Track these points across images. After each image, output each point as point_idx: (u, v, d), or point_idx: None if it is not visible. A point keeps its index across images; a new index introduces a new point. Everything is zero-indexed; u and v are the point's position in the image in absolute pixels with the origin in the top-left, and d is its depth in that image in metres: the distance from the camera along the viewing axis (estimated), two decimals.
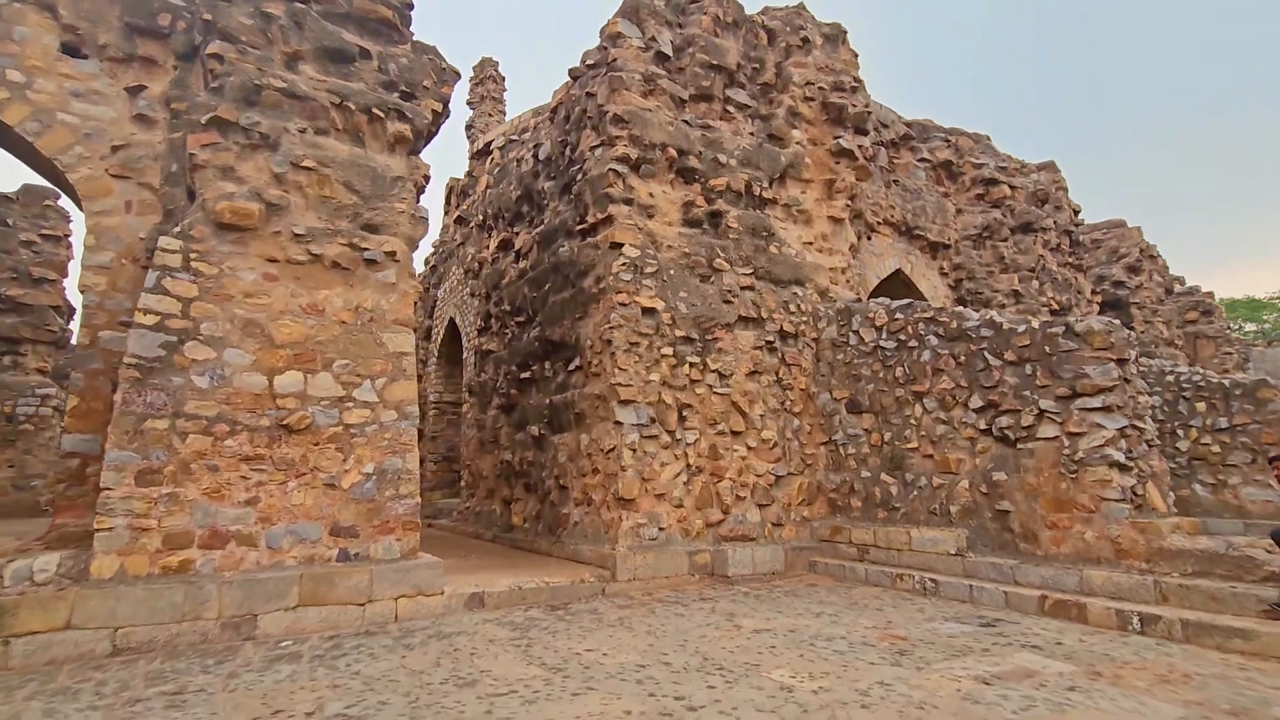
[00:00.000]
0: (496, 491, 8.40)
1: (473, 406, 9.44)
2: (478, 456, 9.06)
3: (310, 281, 4.85)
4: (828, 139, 7.82)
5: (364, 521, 4.68)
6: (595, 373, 6.42)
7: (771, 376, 6.87)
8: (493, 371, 8.81)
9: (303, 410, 4.62)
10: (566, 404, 6.77)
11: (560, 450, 6.87)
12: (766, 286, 7.03)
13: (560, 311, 7.12)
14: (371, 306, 5.03)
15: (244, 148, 4.73)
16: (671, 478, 6.16)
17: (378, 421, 4.88)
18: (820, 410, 7.04)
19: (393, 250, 5.15)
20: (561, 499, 6.84)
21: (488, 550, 7.29)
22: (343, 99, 5.08)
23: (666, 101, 6.95)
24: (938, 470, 5.90)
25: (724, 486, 6.37)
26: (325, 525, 4.56)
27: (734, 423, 6.55)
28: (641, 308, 6.30)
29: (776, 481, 6.70)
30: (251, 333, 4.56)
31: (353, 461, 4.73)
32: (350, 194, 5.07)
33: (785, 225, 7.47)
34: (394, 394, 4.98)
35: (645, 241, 6.54)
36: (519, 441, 7.82)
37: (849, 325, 6.91)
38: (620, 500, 5.91)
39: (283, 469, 4.49)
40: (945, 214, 10.25)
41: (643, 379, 6.18)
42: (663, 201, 6.83)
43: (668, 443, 6.19)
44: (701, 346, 6.55)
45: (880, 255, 9.29)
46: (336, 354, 4.83)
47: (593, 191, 6.70)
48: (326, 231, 4.92)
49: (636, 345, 6.21)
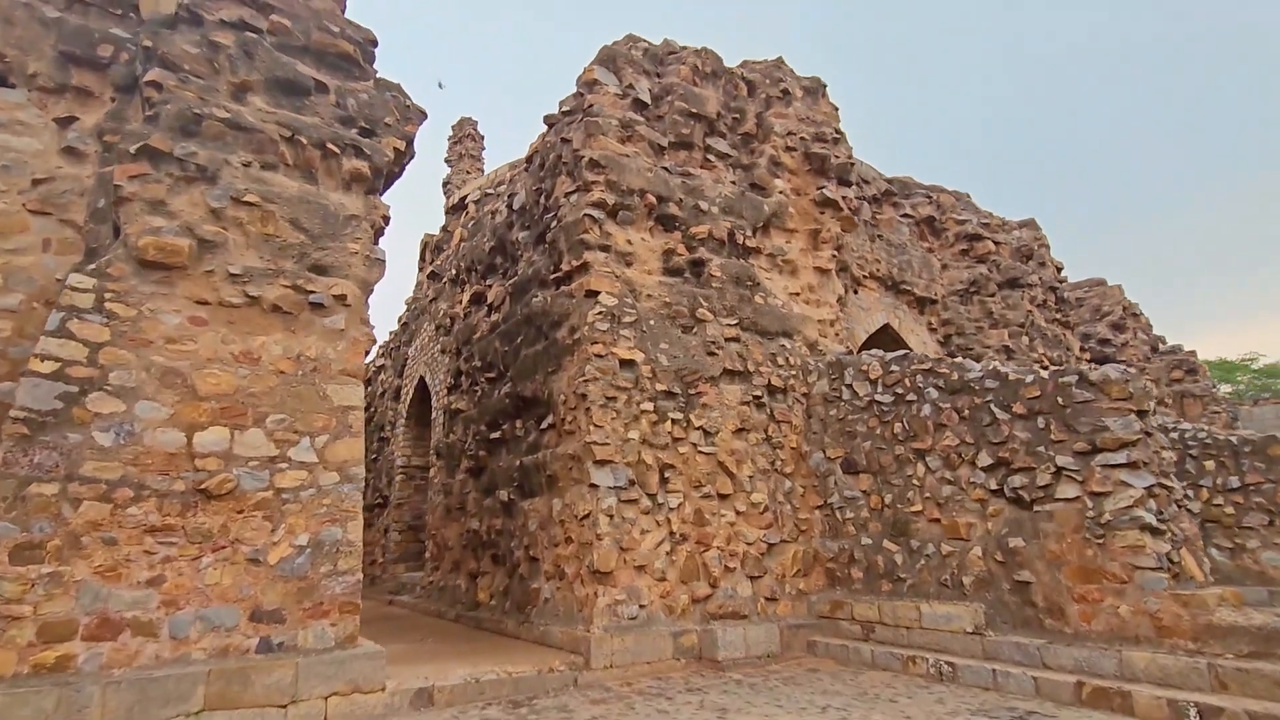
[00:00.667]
0: (462, 564, 7.65)
1: (440, 470, 8.77)
2: (443, 525, 8.33)
3: (245, 326, 4.33)
4: (811, 189, 7.61)
5: (292, 604, 4.00)
6: (569, 431, 5.87)
7: (760, 434, 6.36)
8: (461, 432, 8.21)
9: (226, 472, 4.00)
10: (538, 465, 6.18)
11: (530, 517, 6.23)
12: (752, 338, 6.61)
13: (532, 365, 6.62)
14: (316, 355, 4.50)
15: (178, 180, 4.29)
16: (653, 547, 5.53)
17: (316, 485, 4.26)
18: (813, 471, 6.51)
19: (342, 294, 4.67)
20: (531, 572, 6.15)
21: (448, 632, 6.51)
22: (294, 132, 4.70)
23: (645, 148, 6.71)
24: (946, 536, 5.34)
25: (711, 556, 5.74)
26: (245, 609, 3.87)
27: (721, 485, 5.98)
28: (619, 360, 5.83)
29: (769, 550, 6.09)
30: (171, 383, 3.99)
31: (283, 532, 4.09)
32: (297, 232, 4.63)
33: (770, 275, 7.13)
34: (337, 453, 4.39)
35: (623, 290, 6.14)
36: (487, 508, 7.16)
37: (841, 379, 6.48)
38: (595, 574, 5.25)
39: (197, 542, 3.84)
40: (931, 269, 10.06)
41: (620, 437, 5.64)
42: (641, 249, 6.48)
43: (648, 507, 5.59)
44: (684, 401, 6.06)
45: (868, 309, 8.99)
46: (271, 407, 4.26)
47: (567, 238, 6.34)
48: (267, 272, 4.44)
49: (614, 400, 5.70)
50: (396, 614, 8.20)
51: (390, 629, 6.67)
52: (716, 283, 6.57)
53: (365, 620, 7.72)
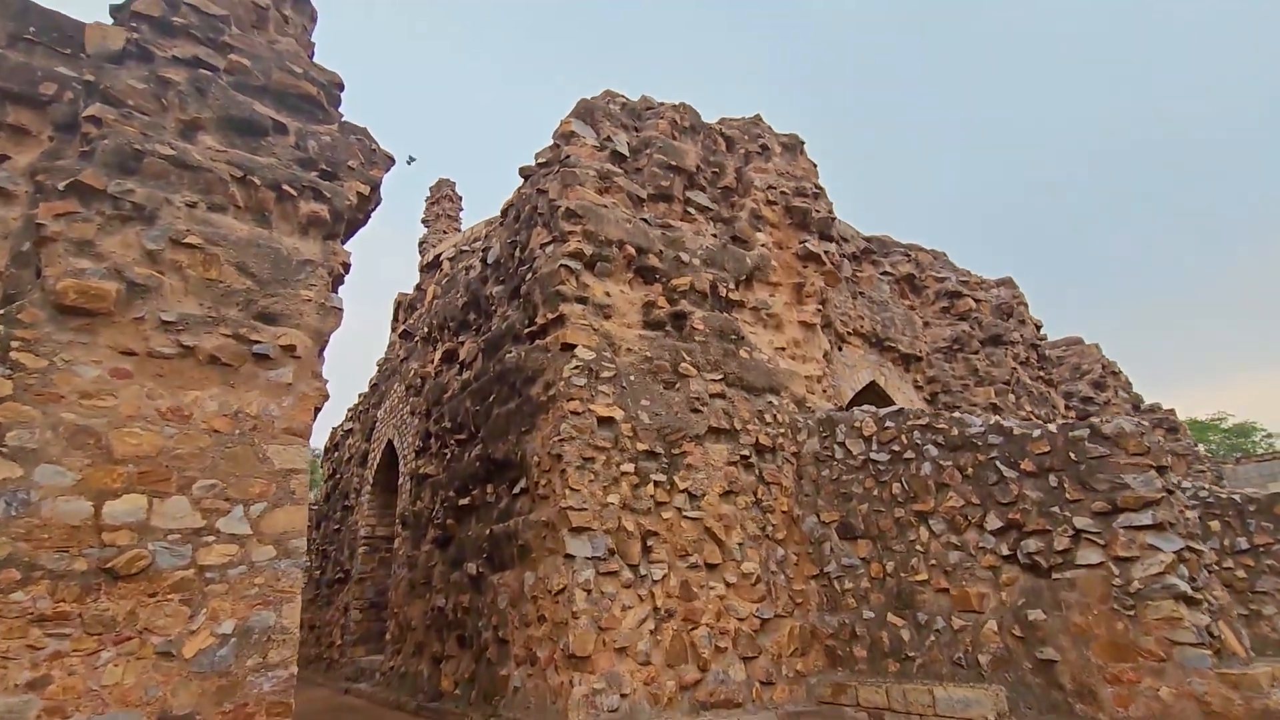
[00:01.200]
0: (425, 646, 6.92)
1: (405, 541, 8.10)
2: (406, 603, 7.61)
3: (177, 380, 3.86)
4: (793, 242, 7.46)
5: (210, 706, 3.37)
6: (543, 495, 5.37)
7: (749, 497, 5.91)
8: (429, 499, 7.62)
9: (140, 548, 3.45)
10: (509, 534, 5.63)
11: (500, 593, 5.63)
12: (738, 394, 6.25)
13: (505, 425, 6.16)
14: (257, 412, 4.03)
15: (110, 219, 3.90)
16: (635, 625, 4.97)
17: (247, 561, 3.71)
18: (807, 536, 6.03)
19: (291, 344, 4.24)
20: (500, 656, 5.50)
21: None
22: (247, 173, 4.38)
23: (623, 199, 6.51)
24: (956, 608, 4.87)
25: (700, 635, 5.18)
26: (150, 714, 3.24)
27: (709, 553, 5.48)
28: (597, 417, 5.41)
29: (762, 626, 5.53)
30: (81, 444, 3.48)
31: (203, 618, 3.50)
32: (243, 277, 4.23)
33: (755, 330, 6.85)
34: (275, 524, 3.86)
35: (601, 344, 5.78)
36: (454, 583, 6.52)
37: (833, 437, 6.10)
38: (571, 658, 4.66)
39: (96, 632, 3.24)
40: (914, 326, 9.91)
41: (599, 501, 5.15)
42: (621, 301, 6.17)
43: (630, 580, 5.06)
44: (668, 462, 5.61)
45: (853, 366, 8.73)
46: (200, 471, 3.75)
47: (542, 290, 6.02)
48: (207, 320, 4.01)
49: (591, 461, 5.25)
50: (352, 705, 7.35)
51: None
52: (699, 336, 6.26)
53: (315, 714, 6.88)
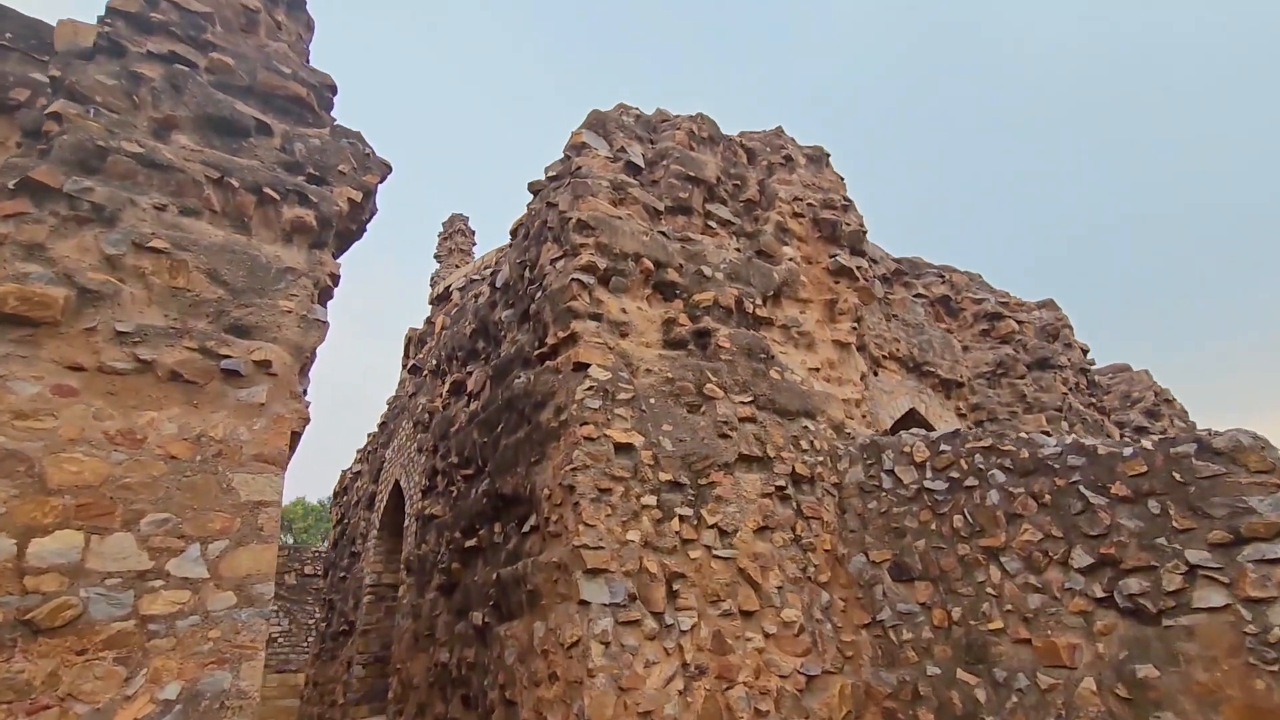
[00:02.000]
0: (429, 707, 6.21)
1: (409, 589, 7.47)
2: (409, 657, 6.93)
3: (130, 399, 3.37)
4: (823, 257, 6.93)
5: None
6: (554, 533, 4.75)
7: (787, 533, 5.22)
8: (434, 541, 7.02)
9: (69, 594, 2.90)
10: (517, 579, 5.00)
11: (508, 647, 4.96)
12: (770, 418, 5.63)
13: (513, 457, 5.59)
14: (223, 435, 3.51)
15: (65, 221, 3.49)
16: (661, 685, 4.26)
17: (201, 610, 3.13)
18: (855, 578, 5.30)
19: (265, 360, 3.75)
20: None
21: None
22: (224, 174, 3.98)
23: (639, 211, 6.06)
24: (1042, 662, 4.10)
25: (737, 696, 4.45)
26: None
27: (743, 599, 4.78)
28: (614, 444, 4.82)
29: (808, 685, 4.78)
30: (9, 471, 2.98)
31: (142, 681, 2.92)
32: (215, 286, 3.78)
33: (785, 349, 6.27)
34: (237, 566, 3.29)
35: (618, 363, 5.24)
36: (458, 635, 5.86)
37: (879, 464, 5.43)
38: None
39: (5, 700, 2.67)
40: (953, 350, 9.25)
41: (617, 539, 4.52)
42: (638, 319, 5.65)
43: (654, 631, 4.38)
44: (694, 494, 4.98)
45: (891, 393, 8.07)
46: (151, 504, 3.22)
47: (553, 308, 5.53)
48: (169, 331, 3.55)
49: (608, 493, 4.64)
50: None
51: None
52: (726, 355, 5.69)
53: None
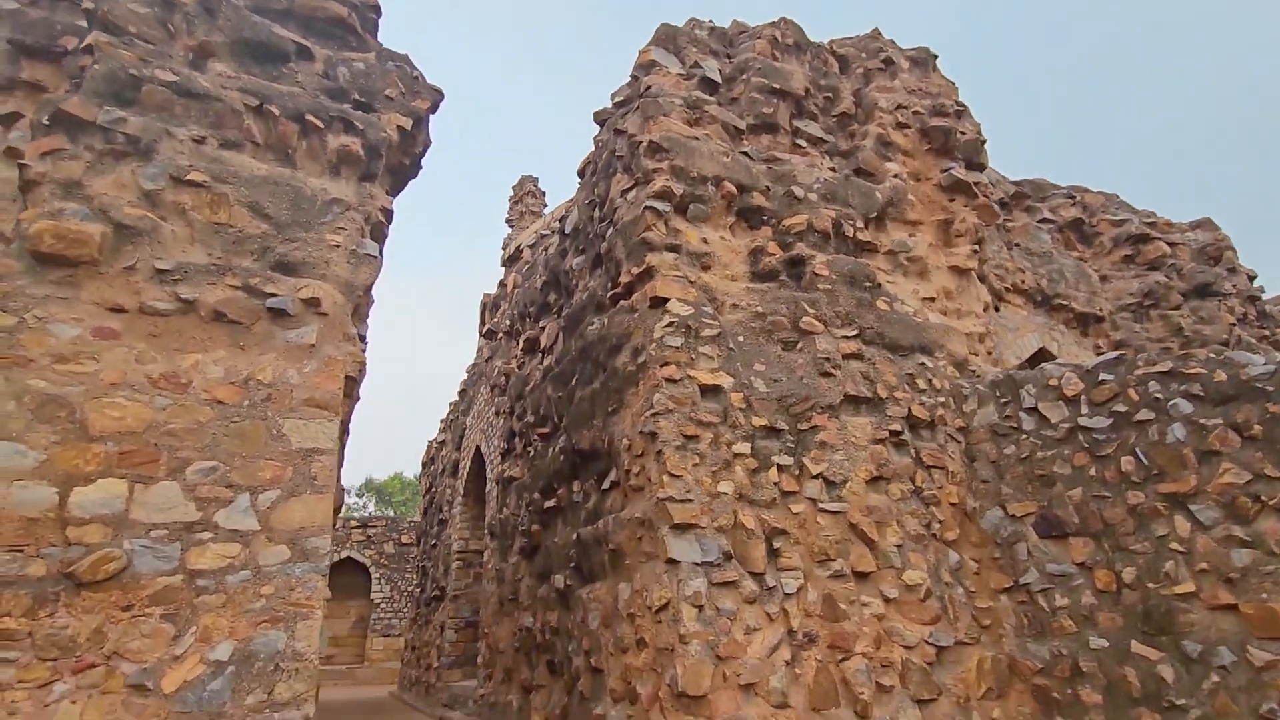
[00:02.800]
0: (515, 673, 5.98)
1: (493, 553, 7.28)
2: (496, 622, 6.75)
3: (174, 340, 3.12)
4: (933, 172, 6.01)
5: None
6: (636, 487, 4.27)
7: (905, 484, 4.51)
8: (515, 504, 6.75)
9: (112, 547, 2.68)
10: (598, 539, 4.57)
11: (591, 611, 4.57)
12: (880, 354, 4.89)
13: (589, 409, 5.15)
14: (271, 379, 3.22)
15: (101, 155, 3.26)
16: (765, 654, 3.72)
17: (252, 565, 2.86)
18: (989, 536, 4.53)
19: (314, 298, 3.43)
20: (593, 690, 4.42)
21: None
22: (263, 102, 3.67)
23: (718, 131, 5.38)
24: (1256, 633, 3.24)
25: (855, 668, 3.84)
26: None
27: (857, 558, 4.14)
28: (700, 386, 4.26)
29: (939, 657, 4.10)
30: (50, 416, 2.78)
31: (192, 640, 2.67)
32: (258, 220, 3.49)
33: (893, 278, 5.46)
34: (289, 517, 3.00)
35: (700, 298, 4.65)
36: (541, 599, 5.55)
37: (1016, 402, 4.59)
38: (681, 698, 3.49)
39: (50, 657, 2.47)
40: (1089, 280, 8.01)
41: (707, 491, 3.98)
42: (722, 249, 5.03)
43: (754, 593, 3.83)
44: (794, 441, 4.36)
45: (1016, 330, 7.03)
46: (198, 451, 2.96)
47: (625, 242, 4.99)
48: (210, 269, 3.28)
49: (695, 441, 4.10)
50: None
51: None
52: (824, 284, 4.97)
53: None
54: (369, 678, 14.81)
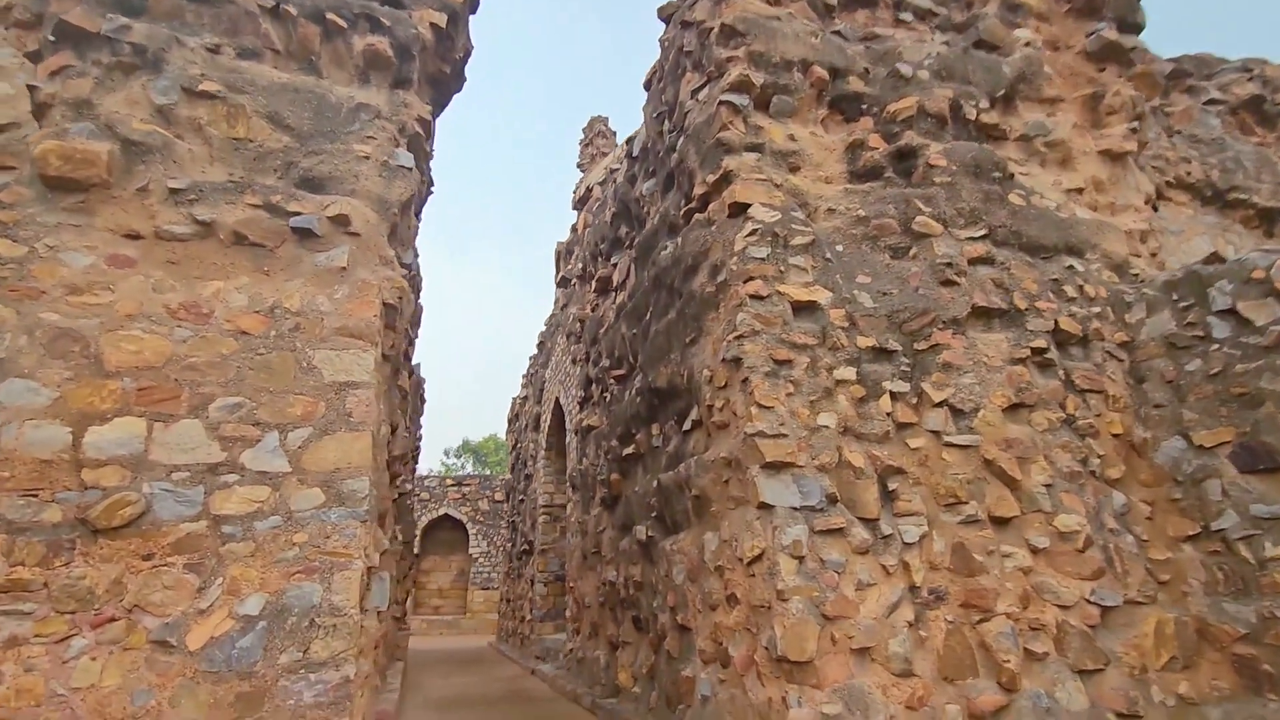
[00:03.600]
0: (601, 628, 5.67)
1: (575, 506, 6.98)
2: (580, 576, 6.46)
3: (193, 267, 2.81)
4: (1075, 38, 4.89)
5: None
6: (720, 423, 3.70)
7: (1053, 412, 3.68)
8: (594, 454, 6.37)
9: (131, 490, 2.41)
10: (680, 484, 4.06)
11: (675, 563, 4.09)
12: (1015, 258, 4.01)
13: (665, 343, 4.60)
14: (299, 307, 2.87)
15: (109, 70, 2.96)
16: (882, 613, 3.10)
17: (282, 510, 2.54)
18: (1165, 472, 3.64)
19: (343, 215, 3.03)
20: (681, 649, 3.97)
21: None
22: (280, 1, 3.25)
23: (803, 8, 4.55)
24: None
25: (995, 630, 3.15)
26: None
27: (995, 501, 3.40)
28: (792, 303, 3.60)
29: (1104, 619, 3.33)
30: (63, 351, 2.53)
31: (219, 593, 2.38)
32: (279, 132, 3.11)
33: (1028, 168, 4.50)
34: (323, 458, 2.66)
35: (788, 203, 3.94)
36: (623, 552, 5.14)
37: (1203, 305, 3.63)
38: (781, 662, 2.95)
39: (68, 610, 2.24)
40: (1273, 169, 6.53)
41: (804, 424, 3.35)
42: (813, 147, 4.27)
43: (865, 543, 3.20)
44: (910, 363, 3.62)
45: (1180, 233, 5.80)
46: (221, 387, 2.65)
47: (698, 148, 4.33)
48: (229, 187, 2.93)
49: (788, 366, 3.46)
50: (530, 691, 6.39)
51: None
52: (941, 177, 4.11)
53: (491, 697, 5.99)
54: (471, 628, 15.37)
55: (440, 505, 16.46)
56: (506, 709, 5.44)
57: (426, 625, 15.40)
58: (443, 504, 16.47)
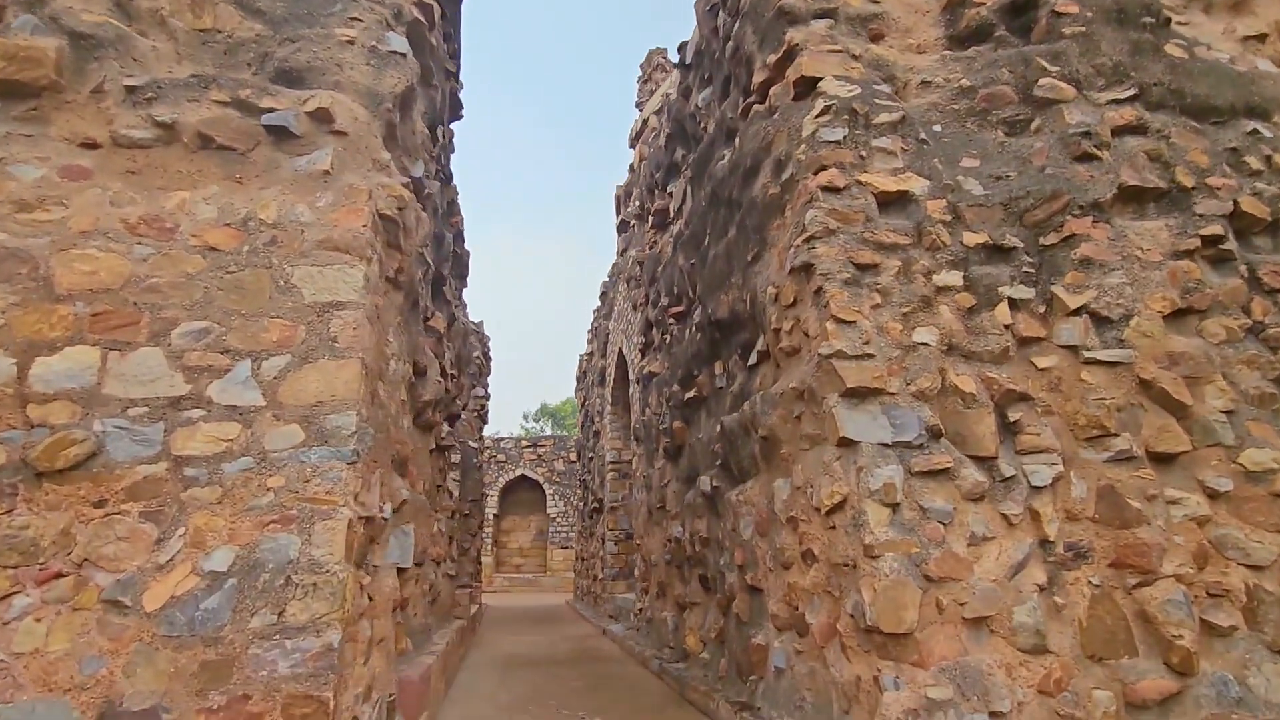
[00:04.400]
0: (668, 588, 5.22)
1: (639, 459, 6.52)
2: (646, 533, 6.03)
3: (155, 177, 2.43)
4: None
5: (186, 694, 1.88)
6: (789, 349, 3.06)
7: (1234, 319, 2.81)
8: (656, 402, 5.86)
9: (81, 428, 2.07)
10: (745, 426, 3.47)
11: (743, 516, 3.52)
12: (1176, 123, 3.09)
13: (724, 266, 3.97)
14: (276, 217, 2.44)
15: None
16: (1004, 574, 2.43)
17: (254, 451, 2.14)
18: None
19: (324, 110, 2.56)
20: (752, 613, 3.43)
21: (637, 704, 4.06)
22: None
23: None
24: None
25: (1160, 597, 2.41)
26: (88, 704, 1.85)
27: (1155, 432, 2.62)
28: (876, 194, 2.88)
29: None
30: (9, 274, 2.21)
31: (179, 546, 2.02)
32: (250, 20, 2.67)
33: (1186, 15, 3.50)
34: (302, 389, 2.24)
35: (868, 76, 3.18)
36: (688, 505, 4.63)
37: None
38: (873, 635, 2.35)
39: (9, 564, 1.93)
40: None
41: (896, 341, 2.67)
42: (899, 9, 3.46)
43: (980, 486, 2.51)
44: (1035, 262, 2.84)
45: None
46: (185, 310, 2.27)
47: (755, 26, 3.61)
48: (191, 83, 2.52)
49: (872, 272, 2.77)
50: (598, 651, 6.06)
51: (554, 689, 4.46)
52: (1072, 27, 3.21)
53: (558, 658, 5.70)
54: (552, 585, 15.50)
55: (517, 466, 16.57)
56: (570, 670, 5.11)
57: (508, 583, 15.64)
58: (519, 465, 16.58)
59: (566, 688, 4.46)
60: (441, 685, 3.85)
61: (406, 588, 3.22)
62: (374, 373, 2.49)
